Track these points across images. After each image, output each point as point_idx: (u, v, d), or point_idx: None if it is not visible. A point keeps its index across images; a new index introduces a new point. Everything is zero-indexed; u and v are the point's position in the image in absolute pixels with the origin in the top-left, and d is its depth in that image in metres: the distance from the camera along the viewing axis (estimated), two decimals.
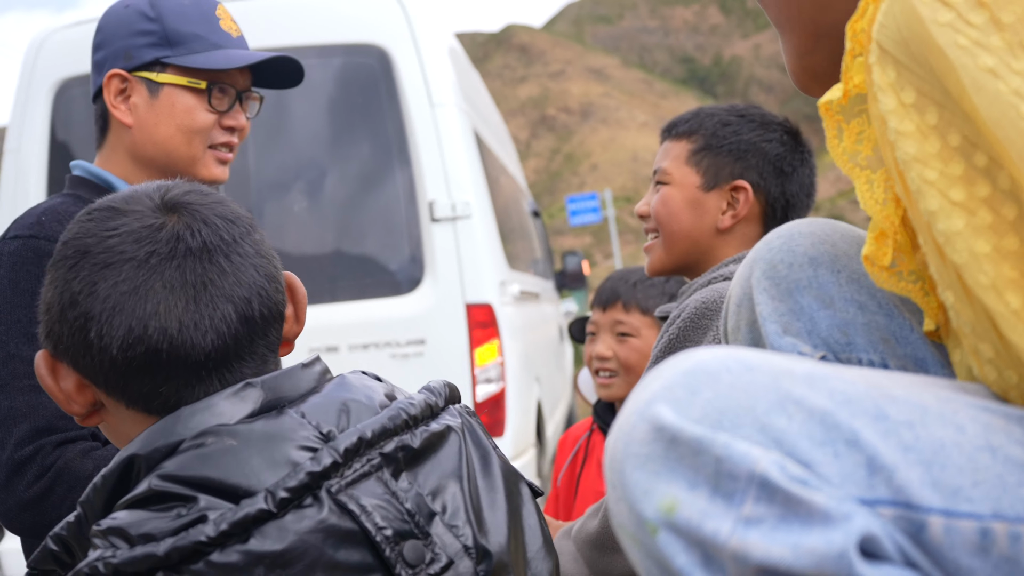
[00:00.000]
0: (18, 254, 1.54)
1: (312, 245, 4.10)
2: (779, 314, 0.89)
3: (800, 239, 0.91)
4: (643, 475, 0.64)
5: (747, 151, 1.68)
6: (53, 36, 4.12)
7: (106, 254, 0.90)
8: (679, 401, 0.64)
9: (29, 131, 4.01)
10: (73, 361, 0.93)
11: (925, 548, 0.60)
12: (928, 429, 0.63)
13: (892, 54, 0.68)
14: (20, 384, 1.50)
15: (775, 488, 0.60)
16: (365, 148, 4.07)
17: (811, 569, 0.59)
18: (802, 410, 0.63)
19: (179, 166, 1.68)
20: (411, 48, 3.94)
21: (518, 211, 6.50)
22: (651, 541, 0.63)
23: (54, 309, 0.93)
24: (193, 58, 1.65)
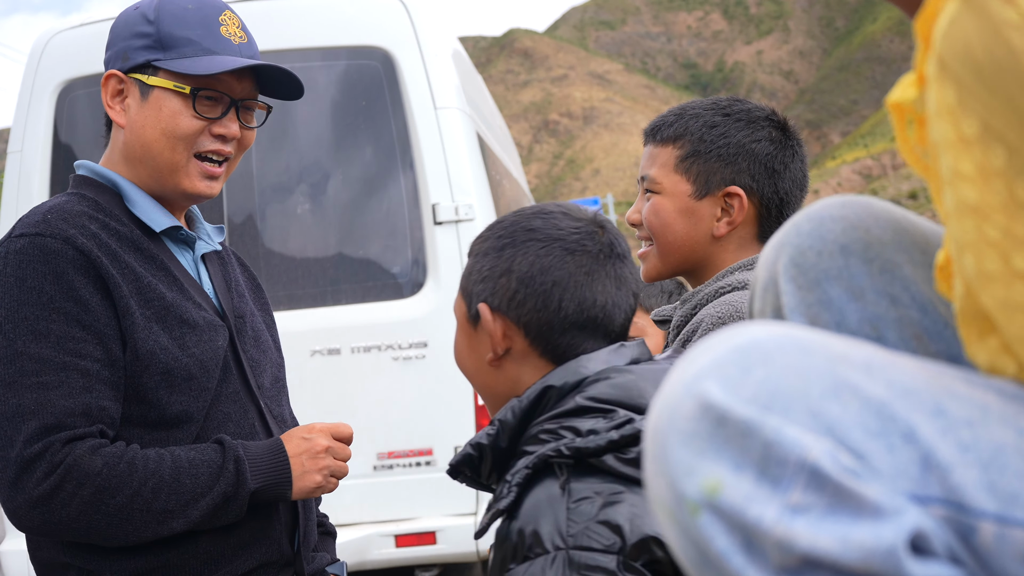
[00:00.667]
0: (24, 252, 1.53)
1: (315, 247, 4.11)
2: (806, 305, 0.83)
3: (831, 224, 0.85)
4: (687, 453, 0.61)
5: (737, 155, 1.64)
6: (57, 38, 4.13)
7: (573, 244, 1.25)
8: (729, 379, 0.62)
9: (32, 132, 4.01)
10: (517, 315, 1.25)
11: (974, 552, 0.58)
12: (988, 430, 0.60)
13: (956, 72, 0.59)
14: (28, 382, 1.50)
15: (825, 478, 0.58)
16: (368, 151, 4.07)
17: (859, 563, 0.57)
18: (858, 398, 0.60)
19: (162, 172, 1.65)
20: (415, 51, 3.94)
21: None
22: (691, 521, 0.61)
23: (517, 274, 1.24)
24: (180, 63, 1.64)
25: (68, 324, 1.52)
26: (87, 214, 1.61)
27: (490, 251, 1.30)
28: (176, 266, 1.69)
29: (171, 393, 1.59)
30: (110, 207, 1.65)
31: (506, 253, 1.27)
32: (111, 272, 1.55)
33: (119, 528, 1.52)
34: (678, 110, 1.72)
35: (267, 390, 1.78)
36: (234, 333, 1.72)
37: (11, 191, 4.02)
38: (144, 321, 1.57)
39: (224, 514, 1.58)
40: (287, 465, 1.64)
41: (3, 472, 1.49)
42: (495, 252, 1.29)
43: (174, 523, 1.54)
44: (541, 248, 1.25)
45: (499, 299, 1.26)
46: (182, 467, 1.56)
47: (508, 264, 1.26)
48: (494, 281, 1.27)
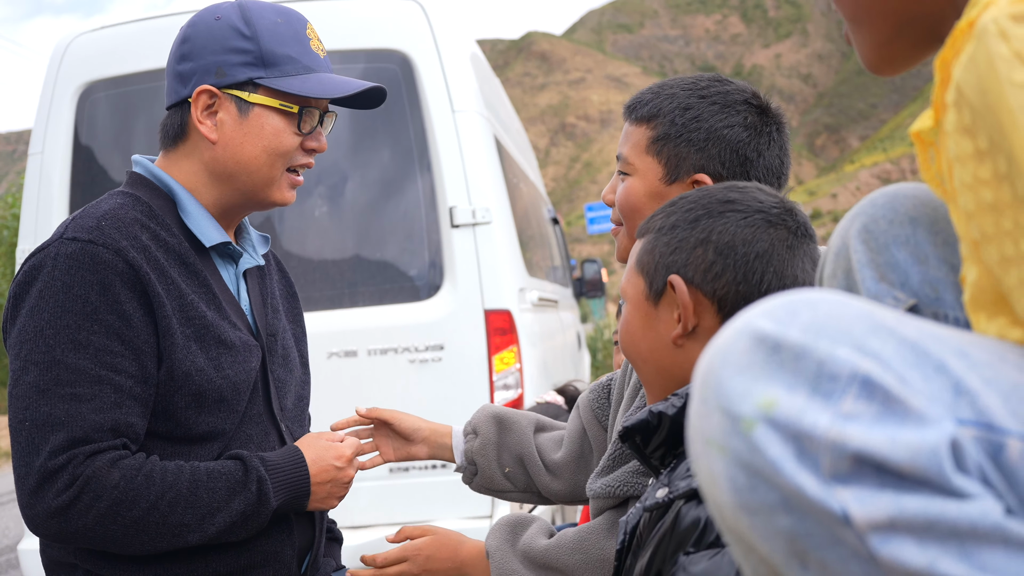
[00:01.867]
0: (74, 257, 1.52)
1: (332, 250, 4.12)
2: (875, 265, 0.93)
3: (904, 200, 0.95)
4: (742, 380, 0.66)
5: (708, 140, 1.55)
6: (78, 40, 4.15)
7: (775, 217, 1.22)
8: (780, 318, 0.68)
9: (53, 134, 4.04)
10: (713, 289, 1.20)
11: (1002, 469, 0.63)
12: (1007, 370, 0.67)
13: (969, 98, 0.69)
14: (62, 392, 1.49)
15: (876, 386, 0.64)
16: (386, 153, 4.08)
17: (906, 461, 0.62)
18: (895, 336, 0.67)
19: (256, 186, 1.66)
20: (433, 54, 3.94)
21: (537, 218, 6.50)
22: (745, 438, 0.65)
23: (715, 245, 1.20)
24: (288, 82, 1.63)
25: (108, 337, 1.51)
26: (140, 222, 1.59)
27: (679, 224, 1.24)
28: (217, 282, 1.68)
29: (200, 414, 1.59)
30: (163, 214, 1.64)
31: (701, 223, 1.22)
32: (157, 289, 1.55)
33: (135, 539, 1.52)
34: (656, 87, 1.63)
35: (289, 411, 1.78)
36: (266, 353, 1.71)
37: (32, 193, 4.04)
38: (183, 340, 1.57)
39: (242, 529, 1.58)
40: (306, 479, 1.64)
41: (25, 479, 1.50)
42: (686, 224, 1.23)
43: (190, 536, 1.54)
44: (742, 219, 1.21)
45: (692, 270, 1.21)
46: (200, 480, 1.55)
47: (704, 234, 1.21)
48: (688, 252, 1.21)
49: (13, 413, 1.53)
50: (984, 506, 0.62)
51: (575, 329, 7.65)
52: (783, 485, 0.64)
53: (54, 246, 1.55)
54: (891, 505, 0.62)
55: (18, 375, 1.52)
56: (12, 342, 1.55)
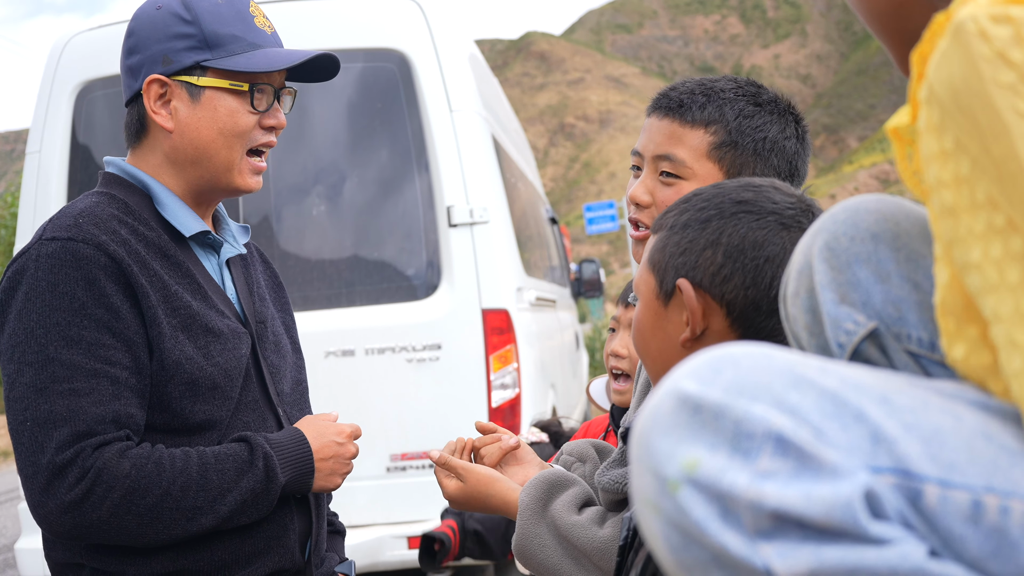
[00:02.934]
0: (56, 256, 1.52)
1: (330, 249, 4.12)
2: (837, 284, 0.92)
3: (865, 215, 0.94)
4: (667, 441, 0.69)
5: (771, 151, 1.54)
6: (75, 39, 4.16)
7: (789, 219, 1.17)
8: (703, 378, 0.70)
9: (51, 133, 4.04)
10: (721, 292, 1.17)
11: (922, 514, 0.65)
12: (928, 415, 0.69)
13: (940, 96, 0.69)
14: (59, 388, 1.49)
15: (789, 443, 0.66)
16: (384, 153, 4.08)
17: (821, 515, 0.64)
18: (814, 389, 0.68)
19: (218, 171, 1.66)
20: (431, 53, 3.95)
21: (536, 218, 6.50)
22: (672, 498, 0.67)
23: (724, 247, 1.17)
24: (234, 60, 1.62)
25: (99, 331, 1.52)
26: (117, 217, 1.60)
27: (691, 223, 1.20)
28: (201, 272, 1.68)
29: (195, 402, 1.59)
30: (139, 209, 1.64)
31: (712, 225, 1.19)
32: (140, 281, 1.55)
33: (149, 528, 1.53)
34: (703, 89, 1.57)
35: (287, 396, 1.78)
36: (256, 340, 1.72)
37: (29, 191, 4.04)
38: (171, 330, 1.57)
39: (253, 509, 1.59)
40: (310, 456, 1.65)
41: (34, 477, 1.49)
42: (697, 224, 1.20)
43: (203, 519, 1.55)
44: (754, 220, 1.18)
45: (701, 274, 1.18)
46: (208, 463, 1.56)
47: (715, 236, 1.18)
48: (696, 254, 1.19)
49: (13, 415, 1.52)
50: (904, 550, 0.63)
51: (573, 329, 7.65)
52: (710, 544, 0.66)
53: (34, 248, 1.55)
54: (812, 558, 0.64)
55: (13, 378, 1.52)
56: (3, 346, 1.54)
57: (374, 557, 3.80)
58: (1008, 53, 0.65)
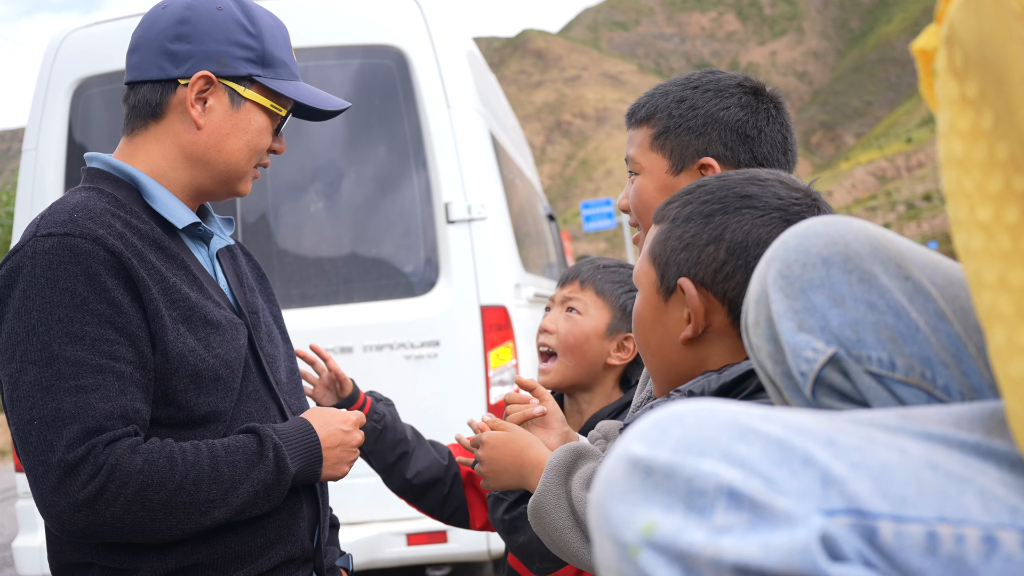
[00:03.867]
0: (54, 252, 1.51)
1: (328, 246, 4.11)
2: (793, 311, 0.93)
3: (814, 239, 0.94)
4: (623, 507, 0.69)
5: (706, 124, 1.60)
6: (72, 36, 4.14)
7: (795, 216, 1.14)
8: (651, 440, 0.70)
9: (47, 130, 4.03)
10: (723, 290, 1.16)
11: (880, 551, 0.65)
12: (874, 452, 0.69)
13: (964, 41, 0.67)
14: (66, 385, 1.48)
15: (741, 496, 0.66)
16: (382, 149, 4.07)
17: (780, 565, 0.64)
18: (760, 438, 0.69)
19: (229, 176, 1.69)
20: (429, 50, 3.94)
21: (533, 214, 6.50)
22: (633, 563, 0.67)
23: (727, 244, 1.15)
24: (283, 85, 1.69)
25: (102, 326, 1.50)
26: (110, 211, 1.59)
27: (694, 216, 1.18)
28: (195, 264, 1.68)
29: (199, 395, 1.58)
30: (129, 203, 1.64)
31: (716, 220, 1.16)
32: (140, 274, 1.54)
33: (163, 523, 1.52)
34: (651, 91, 1.70)
35: (284, 385, 1.79)
36: (251, 330, 1.72)
37: (26, 189, 4.03)
38: (172, 323, 1.57)
39: (265, 500, 1.60)
40: (318, 445, 1.67)
41: (45, 477, 1.48)
42: (701, 218, 1.17)
43: (216, 512, 1.55)
44: (759, 217, 1.15)
45: (703, 270, 1.17)
46: (219, 456, 1.56)
47: (718, 232, 1.16)
48: (699, 250, 1.17)
49: (18, 415, 1.50)
50: None
51: None
52: None
53: (29, 245, 1.53)
54: None
55: (16, 377, 1.50)
56: (2, 347, 1.52)
57: (373, 554, 3.80)
58: None
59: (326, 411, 1.73)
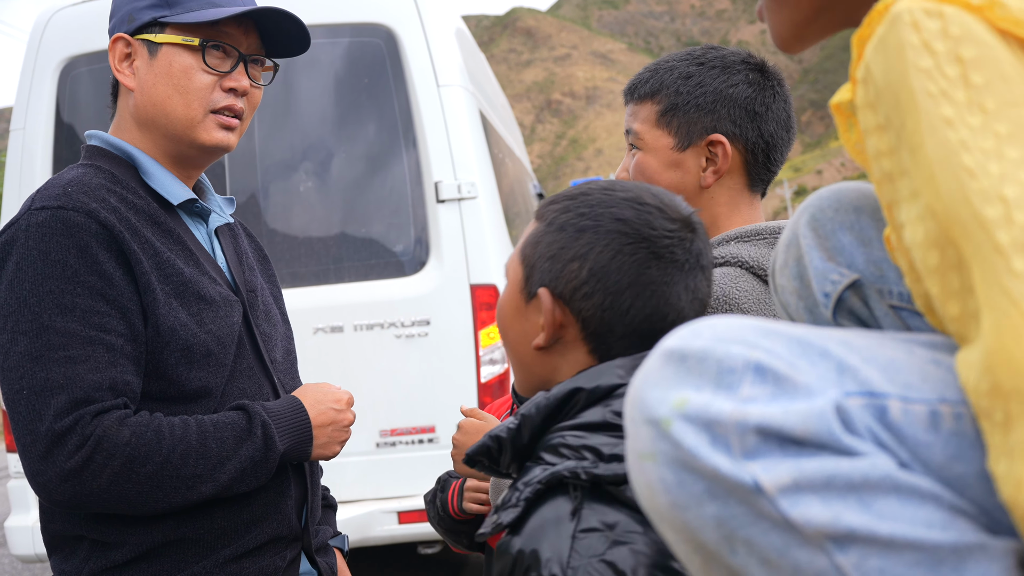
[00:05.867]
0: (47, 225, 1.52)
1: (318, 226, 4.11)
2: (822, 248, 1.02)
3: (848, 192, 1.04)
4: (658, 391, 0.76)
5: (715, 102, 1.60)
6: (59, 15, 4.12)
7: (663, 249, 1.15)
8: (684, 336, 0.79)
9: (35, 109, 4.01)
10: (578, 308, 1.16)
11: (889, 428, 0.73)
12: (883, 351, 0.78)
13: (874, 76, 0.78)
14: (55, 356, 1.49)
15: (767, 370, 0.74)
16: (371, 128, 4.06)
17: (799, 426, 0.71)
18: (783, 336, 0.77)
19: (178, 129, 1.66)
20: (418, 29, 3.93)
21: (523, 193, 6.50)
22: (666, 436, 0.74)
23: (590, 265, 1.15)
24: (188, 16, 1.63)
25: (93, 298, 1.51)
26: (105, 187, 1.60)
27: (567, 227, 1.18)
28: (191, 240, 1.69)
29: (190, 369, 1.59)
30: (126, 179, 1.64)
31: (585, 237, 1.16)
32: (132, 247, 1.55)
33: (149, 496, 1.53)
34: (653, 66, 1.68)
35: (280, 364, 1.79)
36: (247, 308, 1.72)
37: (14, 169, 4.01)
38: (164, 297, 1.57)
39: (252, 477, 1.60)
40: (308, 424, 1.67)
41: (33, 446, 1.49)
42: (573, 231, 1.17)
43: (203, 487, 1.55)
44: (627, 244, 1.14)
45: (563, 285, 1.16)
46: (207, 431, 1.56)
47: (584, 250, 1.15)
48: (564, 264, 1.16)
49: (8, 385, 1.51)
50: (875, 461, 0.71)
51: None
52: (703, 469, 0.73)
53: (23, 219, 1.54)
54: (793, 468, 0.71)
55: (7, 347, 1.51)
56: None
57: (364, 532, 3.82)
58: (932, 43, 0.75)
59: (319, 389, 1.73)
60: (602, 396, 1.08)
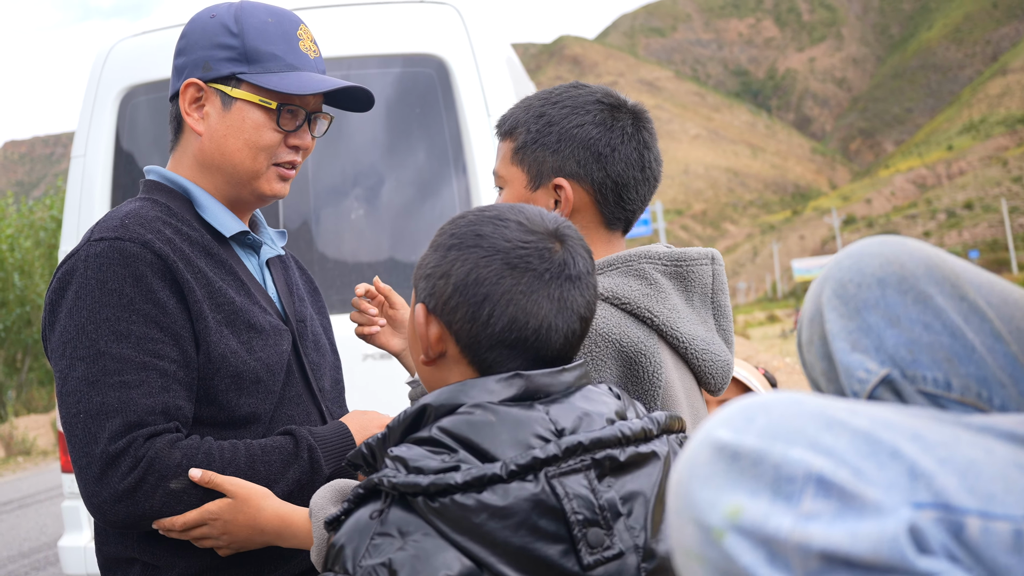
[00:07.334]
0: (105, 255, 1.58)
1: (368, 252, 4.15)
2: (847, 331, 0.93)
3: (869, 260, 0.96)
4: (708, 491, 0.70)
5: (560, 141, 1.61)
6: (120, 45, 4.22)
7: (516, 260, 1.20)
8: (737, 426, 0.72)
9: (95, 137, 4.10)
10: (449, 322, 1.22)
11: (966, 547, 0.66)
12: (960, 449, 0.70)
13: None
14: (111, 380, 1.54)
15: (830, 484, 0.66)
16: (421, 156, 4.11)
17: (868, 553, 0.64)
18: (847, 430, 0.70)
19: (242, 178, 1.72)
20: (469, 58, 3.97)
21: None
22: (718, 546, 0.68)
23: (453, 280, 1.21)
24: (268, 78, 1.68)
25: (147, 325, 1.56)
26: (161, 219, 1.66)
27: (439, 246, 1.25)
28: (243, 270, 1.73)
29: (240, 395, 1.63)
30: (181, 212, 1.70)
31: (451, 255, 1.23)
32: (186, 276, 1.60)
33: None
34: (517, 103, 1.70)
35: (328, 392, 1.82)
36: (296, 337, 1.76)
37: (74, 194, 4.10)
38: (216, 325, 1.61)
39: (298, 500, 1.63)
40: (354, 447, 1.69)
41: (88, 468, 1.54)
42: (443, 250, 1.24)
43: None
44: (482, 258, 1.20)
45: (435, 301, 1.23)
46: (255, 455, 1.60)
47: (449, 267, 1.22)
48: (434, 281, 1.23)
49: (66, 409, 1.56)
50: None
51: None
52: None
53: (83, 249, 1.60)
54: None
55: (65, 373, 1.56)
56: (55, 344, 1.59)
57: None
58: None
59: (365, 415, 1.76)
60: (446, 413, 1.15)
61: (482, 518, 1.06)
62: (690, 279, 1.62)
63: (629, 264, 1.59)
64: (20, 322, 21.86)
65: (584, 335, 1.26)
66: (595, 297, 1.27)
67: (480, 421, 1.13)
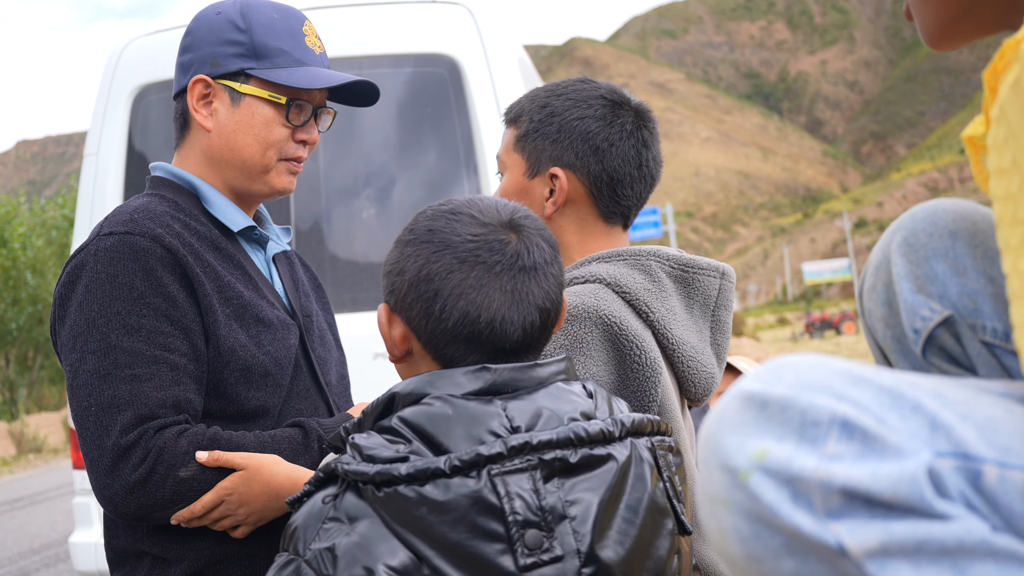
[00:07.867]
0: (115, 249, 1.59)
1: (379, 251, 4.16)
2: (914, 276, 0.96)
3: (944, 214, 0.98)
4: (736, 437, 0.72)
5: (560, 132, 1.64)
6: (133, 44, 4.24)
7: (466, 253, 1.19)
8: (766, 380, 0.74)
9: (108, 135, 4.12)
10: (408, 318, 1.22)
11: (983, 494, 0.67)
12: (981, 406, 0.72)
13: (1008, 117, 0.72)
14: (122, 374, 1.55)
15: (854, 427, 0.69)
16: (433, 156, 4.11)
17: (888, 491, 0.67)
18: (872, 385, 0.72)
19: (252, 173, 1.73)
20: (481, 59, 3.97)
21: None
22: (743, 488, 0.71)
23: (408, 277, 1.21)
24: (277, 73, 1.69)
25: (157, 319, 1.57)
26: (169, 214, 1.67)
27: (400, 243, 1.25)
28: (251, 265, 1.75)
29: (249, 389, 1.64)
30: (189, 207, 1.71)
31: (406, 251, 1.23)
32: (195, 270, 1.61)
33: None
34: (527, 93, 1.75)
35: (335, 387, 1.83)
36: (303, 332, 1.77)
37: (87, 192, 4.12)
38: (225, 319, 1.63)
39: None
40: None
41: (100, 460, 1.55)
42: (402, 245, 1.24)
43: None
44: (432, 253, 1.20)
45: (394, 298, 1.23)
46: (265, 444, 1.61)
47: (404, 263, 1.22)
48: (393, 277, 1.24)
49: (77, 402, 1.57)
50: (968, 525, 0.66)
51: None
52: (782, 526, 0.69)
53: (92, 244, 1.61)
54: (881, 532, 0.66)
55: (76, 367, 1.57)
56: (65, 338, 1.60)
57: None
58: None
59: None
60: (412, 403, 1.16)
61: (422, 511, 1.06)
62: (694, 286, 1.64)
63: (637, 258, 1.61)
64: (32, 321, 21.98)
65: (546, 326, 1.24)
66: (557, 287, 1.25)
67: (438, 414, 1.12)
